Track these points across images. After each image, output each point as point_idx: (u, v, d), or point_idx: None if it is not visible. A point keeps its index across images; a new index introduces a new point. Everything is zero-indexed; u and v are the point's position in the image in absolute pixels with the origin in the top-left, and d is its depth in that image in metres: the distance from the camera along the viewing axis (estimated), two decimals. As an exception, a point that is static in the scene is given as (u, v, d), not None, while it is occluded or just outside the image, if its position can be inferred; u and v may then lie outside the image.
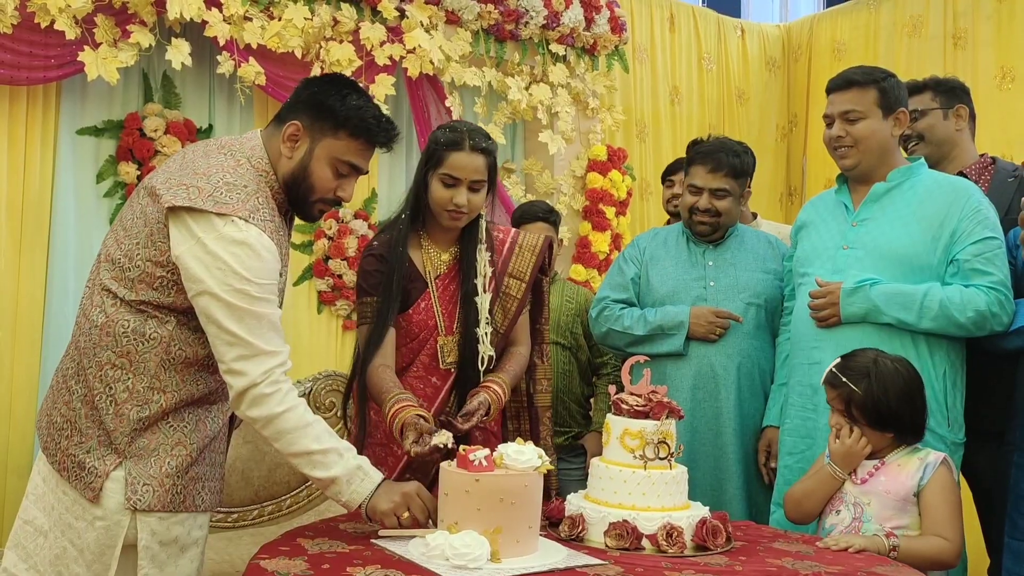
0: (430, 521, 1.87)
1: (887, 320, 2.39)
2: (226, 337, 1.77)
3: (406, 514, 1.84)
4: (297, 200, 1.92)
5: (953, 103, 2.85)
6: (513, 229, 2.49)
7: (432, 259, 2.31)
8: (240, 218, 1.77)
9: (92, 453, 1.79)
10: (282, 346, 1.84)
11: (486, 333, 2.25)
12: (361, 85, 3.84)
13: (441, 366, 2.27)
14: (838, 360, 2.24)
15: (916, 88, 2.88)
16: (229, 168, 1.83)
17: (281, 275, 1.90)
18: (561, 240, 3.38)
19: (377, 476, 1.87)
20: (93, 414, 1.80)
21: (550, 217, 3.31)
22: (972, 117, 2.90)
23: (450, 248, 2.33)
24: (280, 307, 1.90)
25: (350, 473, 1.84)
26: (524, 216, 3.31)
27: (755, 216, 3.48)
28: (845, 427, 2.17)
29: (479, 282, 2.26)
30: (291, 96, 1.96)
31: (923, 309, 2.36)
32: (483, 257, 2.29)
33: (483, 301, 2.26)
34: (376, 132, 1.91)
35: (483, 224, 2.32)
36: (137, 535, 1.79)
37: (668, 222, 3.64)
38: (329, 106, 1.87)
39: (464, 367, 2.26)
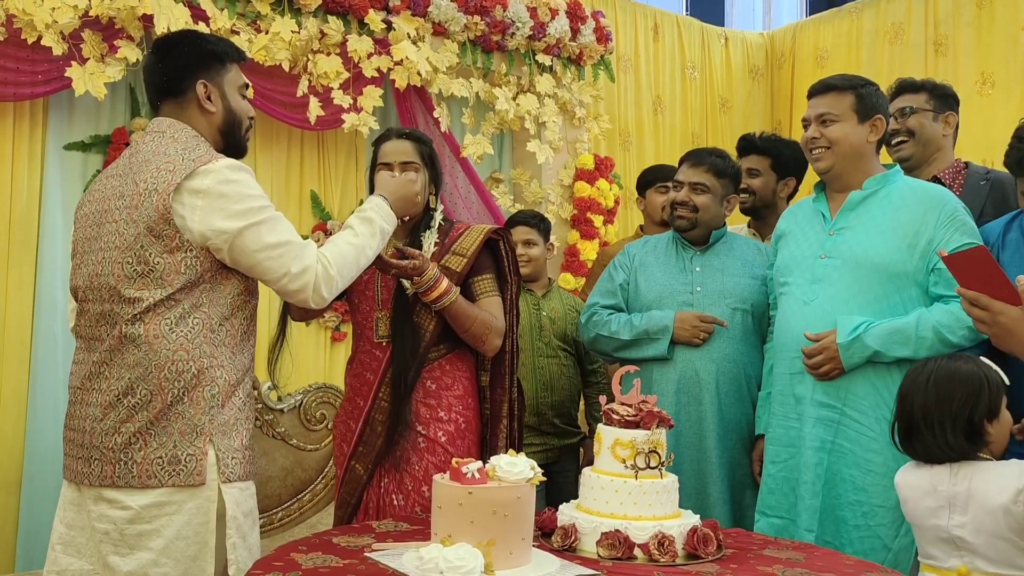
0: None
1: (890, 360, 2.37)
2: (272, 252, 1.94)
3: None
4: (235, 140, 2.14)
5: (944, 109, 2.95)
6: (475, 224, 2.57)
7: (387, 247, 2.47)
8: (217, 158, 1.97)
9: (180, 445, 1.90)
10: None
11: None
12: (348, 96, 3.90)
13: (375, 338, 2.43)
14: None
15: (914, 87, 2.96)
16: (170, 143, 1.99)
17: None
18: (552, 246, 3.43)
19: (375, 197, 2.25)
20: (167, 412, 1.89)
21: (531, 221, 3.36)
22: (956, 127, 2.99)
23: (404, 239, 2.46)
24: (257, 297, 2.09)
25: (372, 211, 2.18)
26: (509, 223, 3.40)
27: None
28: None
29: None
30: (161, 76, 2.07)
31: (919, 340, 2.35)
32: (429, 239, 2.42)
33: None
34: (238, 48, 2.19)
35: (437, 216, 2.46)
36: (225, 507, 1.93)
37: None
38: (207, 52, 2.09)
39: (395, 340, 2.37)
